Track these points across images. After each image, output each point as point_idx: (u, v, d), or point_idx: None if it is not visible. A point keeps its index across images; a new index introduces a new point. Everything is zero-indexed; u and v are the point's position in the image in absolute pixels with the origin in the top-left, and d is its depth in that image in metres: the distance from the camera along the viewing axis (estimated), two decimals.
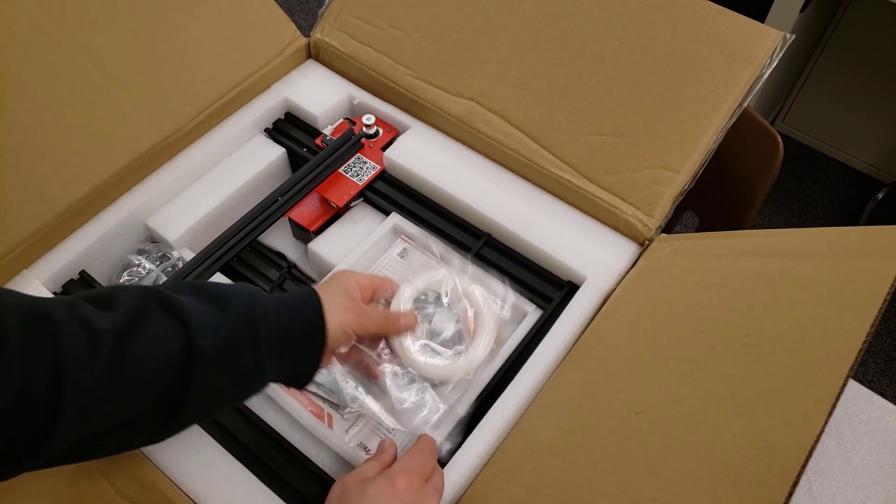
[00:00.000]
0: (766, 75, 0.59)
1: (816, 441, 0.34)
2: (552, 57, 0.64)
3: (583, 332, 0.55)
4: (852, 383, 0.59)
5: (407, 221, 0.63)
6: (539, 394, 0.51)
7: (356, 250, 0.61)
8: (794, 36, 0.59)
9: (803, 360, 0.39)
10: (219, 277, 0.59)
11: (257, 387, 0.43)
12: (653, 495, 0.39)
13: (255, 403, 0.53)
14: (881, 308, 0.38)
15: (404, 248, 0.63)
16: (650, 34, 0.62)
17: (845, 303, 0.40)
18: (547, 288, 0.59)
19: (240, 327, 0.40)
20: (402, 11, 0.70)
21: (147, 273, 0.60)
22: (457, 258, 0.59)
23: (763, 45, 0.59)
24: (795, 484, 0.33)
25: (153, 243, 0.63)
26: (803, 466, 0.33)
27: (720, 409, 0.40)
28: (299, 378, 0.45)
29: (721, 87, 0.59)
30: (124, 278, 0.60)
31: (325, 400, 0.52)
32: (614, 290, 0.57)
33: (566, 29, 0.65)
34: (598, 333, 0.54)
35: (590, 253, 0.59)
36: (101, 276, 0.61)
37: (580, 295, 0.57)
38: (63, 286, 0.59)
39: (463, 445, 0.49)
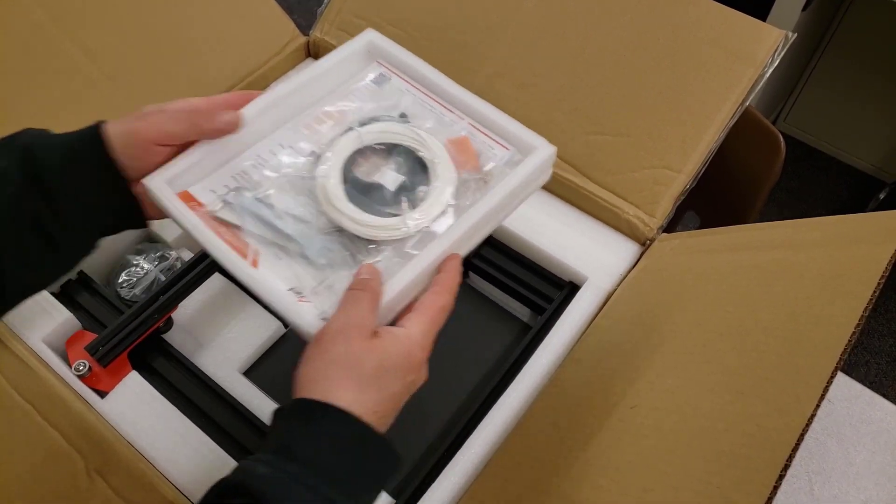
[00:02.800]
0: (767, 74, 0.59)
1: (808, 425, 0.34)
2: (553, 56, 0.64)
3: (584, 333, 0.54)
4: (854, 384, 0.59)
5: (389, 41, 0.50)
6: (539, 393, 0.51)
7: (313, 69, 0.48)
8: (795, 35, 0.59)
9: (797, 346, 0.39)
10: (217, 278, 0.59)
11: (80, 224, 0.40)
12: (645, 485, 0.39)
13: (253, 402, 0.53)
14: (874, 292, 0.38)
15: (381, 74, 0.50)
16: (651, 33, 0.62)
17: (839, 289, 0.40)
18: (548, 288, 0.59)
19: (21, 174, 0.38)
20: (402, 10, 0.70)
21: (145, 273, 0.60)
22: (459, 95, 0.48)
23: (764, 44, 0.59)
24: (787, 467, 0.33)
25: (151, 243, 0.63)
26: (794, 450, 0.33)
27: (714, 398, 0.40)
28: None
29: (722, 87, 0.59)
30: (122, 278, 0.60)
31: (266, 239, 0.42)
32: (615, 290, 0.57)
33: (567, 28, 0.64)
34: (597, 332, 0.54)
35: (591, 253, 0.59)
36: (100, 275, 0.61)
37: (581, 295, 0.56)
38: (61, 286, 0.59)
39: (464, 446, 0.49)
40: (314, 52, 0.75)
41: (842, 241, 0.44)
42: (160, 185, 0.41)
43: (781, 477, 0.33)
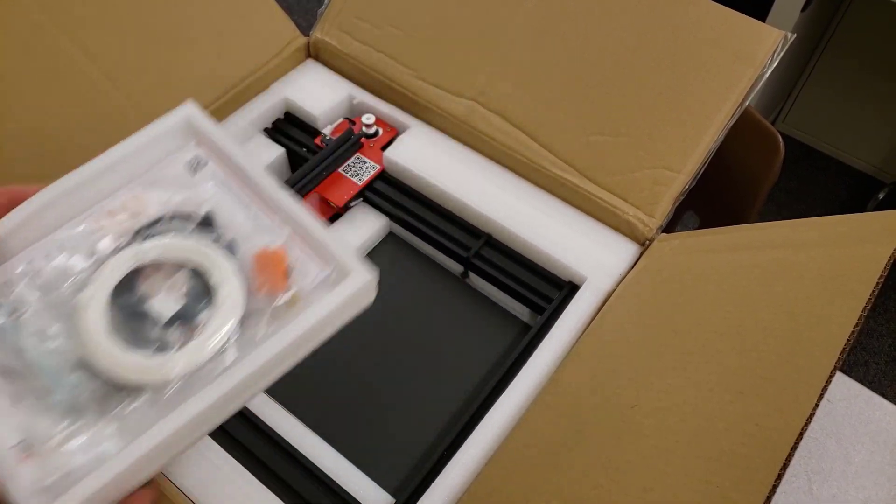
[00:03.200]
0: (767, 75, 0.59)
1: (807, 424, 0.34)
2: (553, 56, 0.64)
3: (583, 333, 0.55)
4: (853, 383, 0.59)
5: (208, 121, 0.42)
6: (539, 393, 0.51)
7: (119, 148, 0.41)
8: (795, 35, 0.59)
9: (796, 345, 0.39)
10: None
11: None
12: (644, 485, 0.39)
13: (265, 412, 0.53)
14: (873, 292, 0.38)
15: (196, 157, 0.42)
16: (651, 34, 0.62)
17: (838, 288, 0.41)
18: (547, 288, 0.59)
19: None
20: (403, 10, 0.70)
21: None
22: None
23: (764, 44, 0.59)
24: (785, 466, 0.33)
25: None
26: (793, 449, 0.34)
27: (714, 398, 0.40)
28: None
29: (722, 87, 0.59)
30: None
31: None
32: (615, 290, 0.57)
33: (567, 28, 0.64)
34: (597, 332, 0.54)
35: (590, 253, 0.59)
36: None
37: (580, 295, 0.57)
38: None
39: (463, 445, 0.49)
40: (314, 52, 0.75)
41: (841, 240, 0.44)
42: None
43: (780, 476, 0.33)
